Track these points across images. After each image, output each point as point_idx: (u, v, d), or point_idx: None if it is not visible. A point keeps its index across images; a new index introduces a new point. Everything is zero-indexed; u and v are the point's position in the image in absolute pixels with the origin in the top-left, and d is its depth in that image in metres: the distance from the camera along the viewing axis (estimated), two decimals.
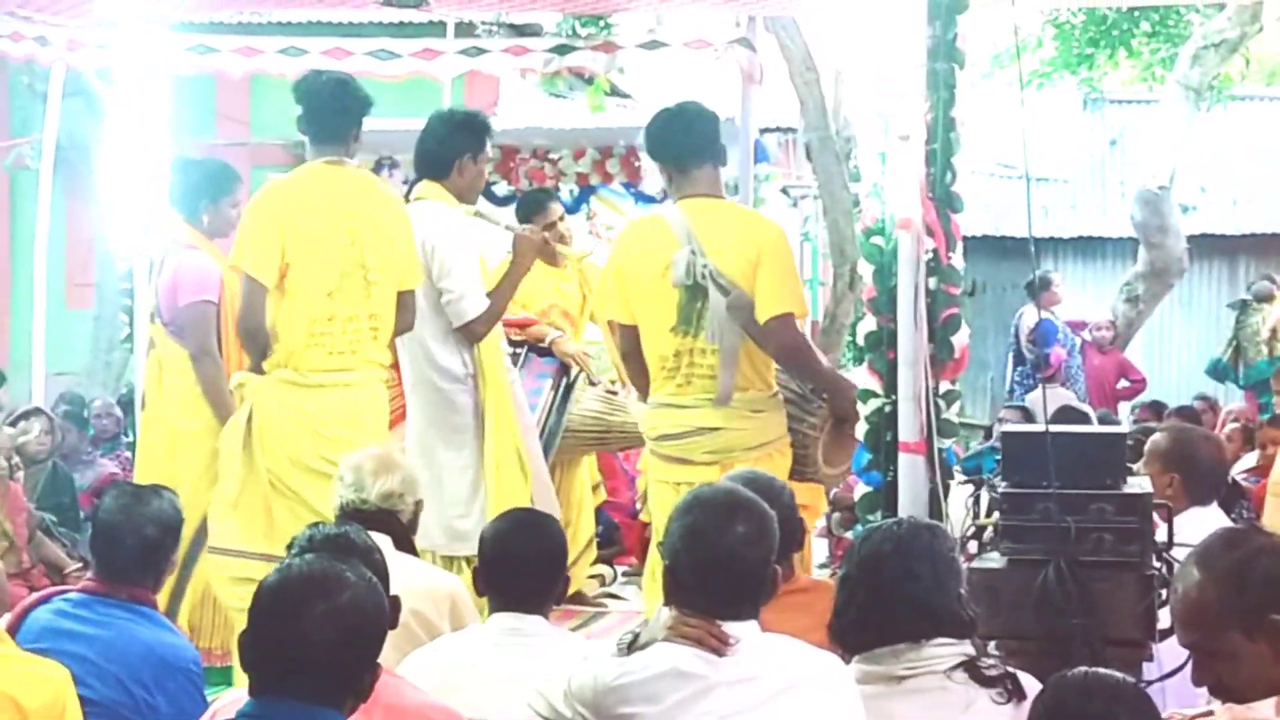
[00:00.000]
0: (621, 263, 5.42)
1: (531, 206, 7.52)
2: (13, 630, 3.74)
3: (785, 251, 5.34)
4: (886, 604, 3.30)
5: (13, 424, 8.03)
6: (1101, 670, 3.04)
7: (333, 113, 5.55)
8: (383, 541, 4.16)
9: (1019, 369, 12.56)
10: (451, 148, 5.91)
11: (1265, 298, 13.09)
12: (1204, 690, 4.32)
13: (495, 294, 5.88)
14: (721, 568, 3.10)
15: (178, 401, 6.03)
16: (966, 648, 3.32)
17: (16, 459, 7.14)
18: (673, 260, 5.17)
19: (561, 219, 7.49)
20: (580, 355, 6.98)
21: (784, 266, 5.27)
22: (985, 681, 3.27)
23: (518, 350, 6.86)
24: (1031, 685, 3.32)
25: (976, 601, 4.00)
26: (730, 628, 3.08)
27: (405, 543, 4.49)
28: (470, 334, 5.85)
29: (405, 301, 5.59)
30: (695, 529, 3.14)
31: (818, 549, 8.50)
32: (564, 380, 6.92)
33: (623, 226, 6.03)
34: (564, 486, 7.37)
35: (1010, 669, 3.34)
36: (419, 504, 4.65)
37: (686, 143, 5.30)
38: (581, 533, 7.40)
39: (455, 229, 5.88)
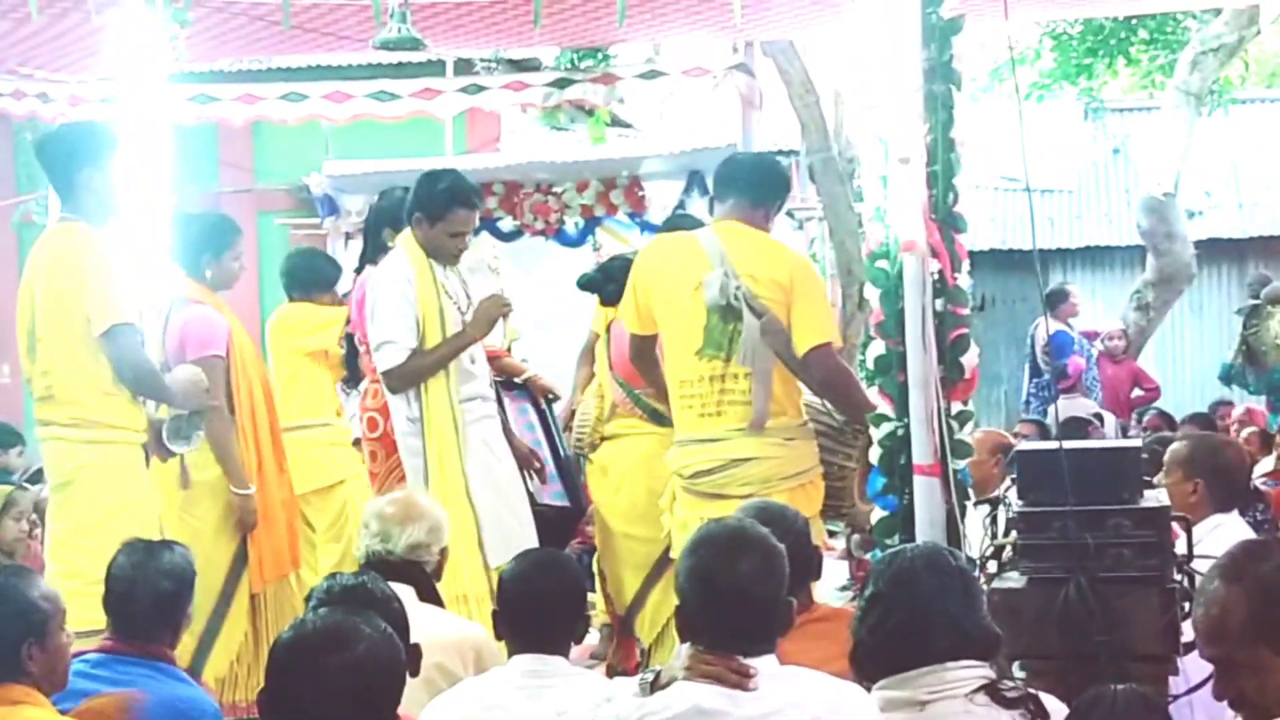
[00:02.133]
0: (648, 278, 5.39)
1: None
2: None
3: (817, 280, 5.40)
4: (922, 622, 3.26)
5: (31, 482, 8.02)
6: (1125, 696, 3.01)
7: (52, 169, 5.60)
8: (406, 593, 4.16)
9: (1034, 381, 12.51)
10: (406, 210, 5.97)
11: (1278, 300, 13.03)
12: None
13: (426, 353, 5.80)
14: (729, 606, 3.10)
15: (189, 454, 6.01)
16: (987, 670, 3.29)
17: (34, 517, 7.12)
18: (705, 281, 5.16)
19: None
20: (553, 389, 7.05)
21: (817, 296, 5.31)
22: (1007, 703, 3.24)
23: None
24: (1054, 706, 3.30)
25: (998, 622, 3.98)
26: (746, 663, 3.07)
27: (430, 592, 4.47)
28: (386, 385, 5.86)
29: (107, 347, 5.42)
30: (700, 569, 3.15)
31: (837, 572, 8.49)
32: (541, 409, 6.97)
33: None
34: None
35: (1032, 690, 3.31)
36: (444, 551, 4.64)
37: (738, 172, 5.42)
38: None
39: (386, 279, 5.91)
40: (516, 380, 7.01)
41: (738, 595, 3.10)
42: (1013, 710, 3.22)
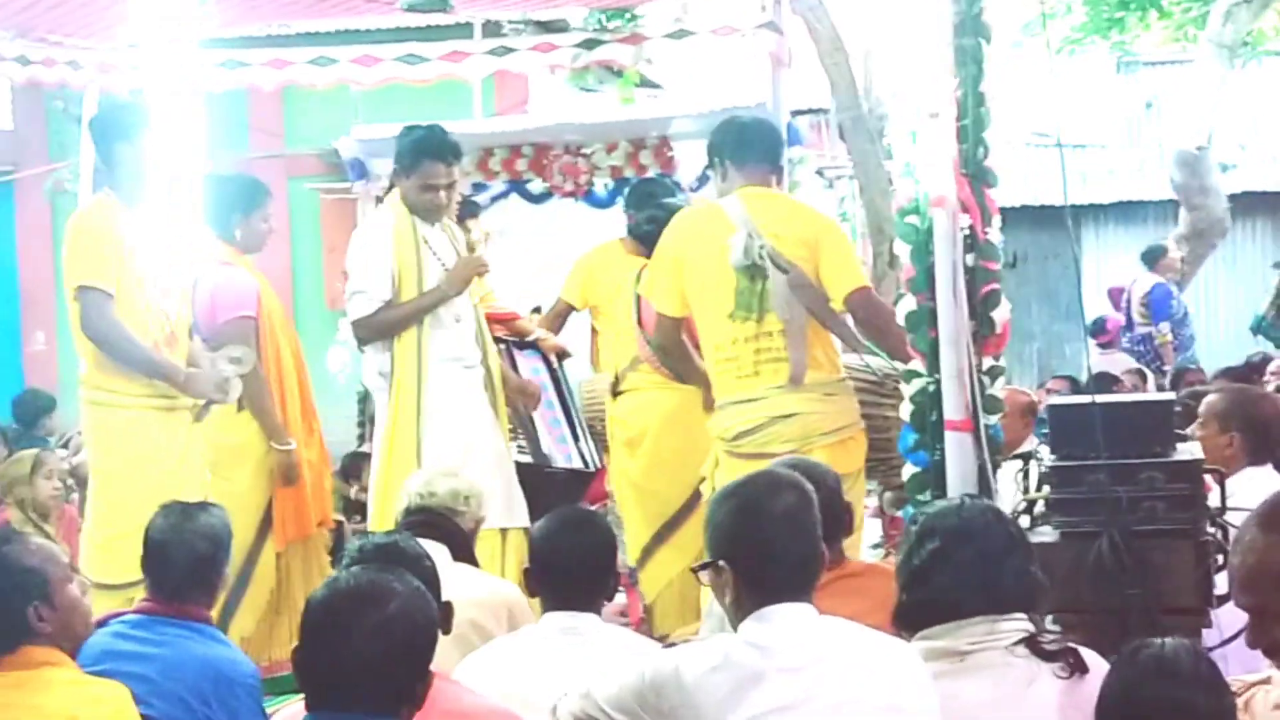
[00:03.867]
0: (678, 250, 5.44)
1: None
2: (72, 654, 3.77)
3: (842, 235, 5.52)
4: (984, 575, 3.26)
5: (64, 445, 8.10)
6: (1173, 646, 2.99)
7: (97, 143, 5.79)
8: (440, 551, 4.20)
9: (1129, 335, 12.36)
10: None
11: None
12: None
13: (397, 306, 5.89)
14: (781, 536, 3.07)
15: (220, 417, 6.05)
16: (1026, 623, 3.30)
17: (70, 481, 7.19)
18: (729, 243, 5.22)
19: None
20: (564, 349, 7.09)
21: (845, 247, 5.44)
22: (1047, 656, 3.24)
23: (499, 345, 6.93)
24: (1092, 659, 3.30)
25: None
26: (784, 610, 3.06)
27: (464, 552, 4.51)
28: (354, 335, 6.01)
29: (77, 305, 5.54)
30: (746, 506, 3.12)
31: (870, 529, 8.49)
32: (554, 369, 7.01)
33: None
34: None
35: (1070, 643, 3.32)
36: (479, 521, 4.69)
37: (746, 137, 5.46)
38: None
39: (365, 232, 6.09)
40: (527, 340, 7.05)
41: (791, 525, 3.08)
42: (1052, 663, 3.22)
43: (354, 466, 8.28)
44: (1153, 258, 12.10)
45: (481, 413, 6.04)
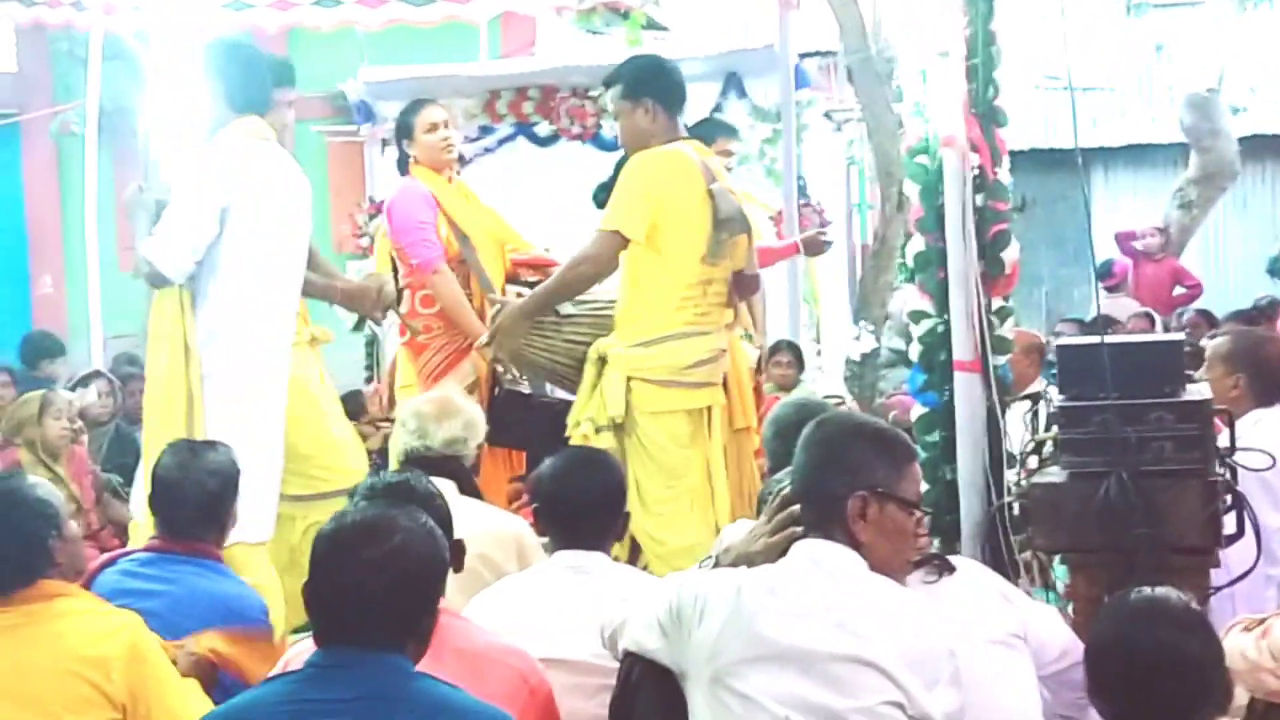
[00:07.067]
0: (660, 189, 5.39)
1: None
2: None
3: None
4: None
5: (73, 388, 8.11)
6: (1163, 592, 2.98)
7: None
8: (447, 486, 4.20)
9: None
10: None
11: None
12: (1272, 594, 4.31)
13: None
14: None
15: None
16: None
17: (79, 423, 7.21)
18: (715, 191, 5.33)
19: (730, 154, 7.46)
20: None
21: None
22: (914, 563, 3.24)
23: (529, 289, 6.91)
24: (961, 561, 3.42)
25: (1039, 516, 4.00)
26: (829, 549, 3.03)
27: (469, 487, 4.52)
28: None
29: None
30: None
31: None
32: None
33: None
34: None
35: (934, 551, 3.33)
36: (481, 447, 4.70)
37: (677, 84, 5.60)
38: None
39: None
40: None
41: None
42: (919, 569, 3.26)
43: (354, 404, 8.20)
44: None
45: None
